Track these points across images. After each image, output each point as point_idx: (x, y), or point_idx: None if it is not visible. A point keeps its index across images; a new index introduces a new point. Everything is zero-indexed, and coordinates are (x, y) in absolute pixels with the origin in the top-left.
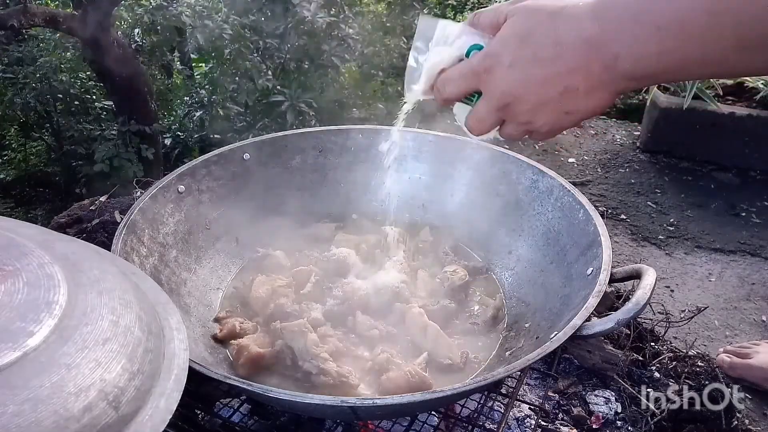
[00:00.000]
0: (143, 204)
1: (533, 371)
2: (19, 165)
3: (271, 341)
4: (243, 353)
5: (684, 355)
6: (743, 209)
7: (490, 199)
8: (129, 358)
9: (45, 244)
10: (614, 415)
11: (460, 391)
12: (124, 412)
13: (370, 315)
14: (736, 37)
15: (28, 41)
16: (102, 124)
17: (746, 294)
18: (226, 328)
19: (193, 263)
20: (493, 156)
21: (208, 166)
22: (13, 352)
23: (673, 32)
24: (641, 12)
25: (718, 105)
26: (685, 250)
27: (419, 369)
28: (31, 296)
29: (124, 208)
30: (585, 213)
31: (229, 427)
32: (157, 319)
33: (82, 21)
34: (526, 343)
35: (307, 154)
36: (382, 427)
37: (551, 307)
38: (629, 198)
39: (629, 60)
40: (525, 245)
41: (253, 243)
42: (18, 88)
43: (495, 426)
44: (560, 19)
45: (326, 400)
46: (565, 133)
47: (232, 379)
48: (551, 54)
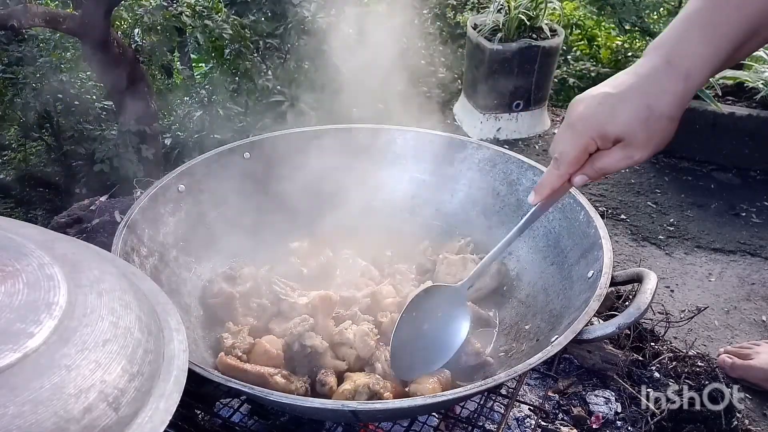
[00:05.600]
0: (143, 204)
1: (533, 372)
2: (19, 165)
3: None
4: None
5: (684, 355)
6: (743, 209)
7: (491, 199)
8: (129, 359)
9: (45, 245)
10: (614, 415)
11: (460, 395)
12: (124, 413)
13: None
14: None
15: (28, 41)
16: (102, 124)
17: (746, 294)
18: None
19: (193, 263)
20: (493, 156)
21: (208, 166)
22: (13, 354)
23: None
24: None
25: (718, 105)
26: (685, 250)
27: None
28: (31, 297)
29: (124, 208)
30: (585, 215)
31: (229, 427)
32: (156, 320)
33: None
34: (527, 345)
35: (307, 153)
36: (382, 428)
37: (552, 309)
38: (629, 198)
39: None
40: (525, 247)
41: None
42: (18, 88)
43: (495, 426)
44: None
45: (327, 403)
46: None
47: (233, 381)
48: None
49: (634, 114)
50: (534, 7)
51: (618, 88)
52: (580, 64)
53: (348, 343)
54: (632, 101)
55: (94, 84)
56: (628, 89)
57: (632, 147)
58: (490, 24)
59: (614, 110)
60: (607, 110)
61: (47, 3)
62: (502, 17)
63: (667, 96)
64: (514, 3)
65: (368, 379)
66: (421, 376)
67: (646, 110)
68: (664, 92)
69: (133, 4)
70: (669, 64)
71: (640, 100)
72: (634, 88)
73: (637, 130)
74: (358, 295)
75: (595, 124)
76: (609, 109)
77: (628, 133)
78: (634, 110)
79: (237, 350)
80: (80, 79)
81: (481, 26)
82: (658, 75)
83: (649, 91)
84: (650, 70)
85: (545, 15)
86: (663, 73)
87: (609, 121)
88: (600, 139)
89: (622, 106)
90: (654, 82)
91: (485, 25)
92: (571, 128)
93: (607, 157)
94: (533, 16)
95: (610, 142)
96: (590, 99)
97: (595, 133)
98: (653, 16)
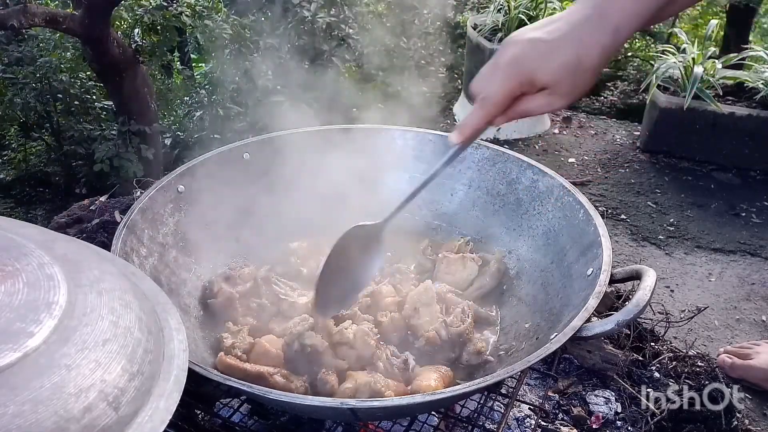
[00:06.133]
0: (143, 204)
1: (533, 371)
2: (19, 165)
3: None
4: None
5: (684, 355)
6: (743, 209)
7: (491, 199)
8: (129, 358)
9: (45, 244)
10: (614, 415)
11: (460, 393)
12: (124, 412)
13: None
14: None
15: (28, 41)
16: (102, 124)
17: (746, 294)
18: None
19: (193, 263)
20: (493, 156)
21: (208, 166)
22: (13, 353)
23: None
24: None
25: (718, 105)
26: (685, 250)
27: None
28: (31, 297)
29: (124, 208)
30: (585, 213)
31: (229, 427)
32: (156, 320)
33: (82, 21)
34: (527, 343)
35: (307, 153)
36: (382, 428)
37: (551, 307)
38: (629, 198)
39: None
40: (525, 245)
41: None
42: (18, 88)
43: (495, 426)
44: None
45: (326, 401)
46: (565, 133)
47: (232, 380)
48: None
49: (564, 64)
50: (534, 7)
51: (551, 35)
52: None
53: (348, 342)
54: (564, 51)
55: (94, 84)
56: (561, 38)
57: (556, 95)
58: (490, 24)
59: (546, 58)
60: (538, 57)
61: (47, 3)
62: (502, 17)
63: (597, 48)
64: (514, 3)
65: (370, 378)
66: (338, 311)
67: (575, 61)
68: (594, 44)
69: (133, 4)
70: (600, 16)
71: (571, 50)
72: (566, 37)
73: (564, 80)
74: (358, 295)
75: (525, 71)
76: (540, 56)
77: (556, 82)
78: (565, 60)
79: (237, 350)
80: (80, 79)
81: (481, 26)
82: (591, 26)
83: (581, 42)
84: (582, 19)
85: (545, 15)
86: (595, 24)
87: (539, 69)
88: (528, 84)
89: (553, 55)
90: (585, 33)
91: (485, 25)
92: (500, 70)
93: (531, 102)
94: (533, 16)
95: (537, 88)
96: (523, 43)
97: (525, 78)
98: None
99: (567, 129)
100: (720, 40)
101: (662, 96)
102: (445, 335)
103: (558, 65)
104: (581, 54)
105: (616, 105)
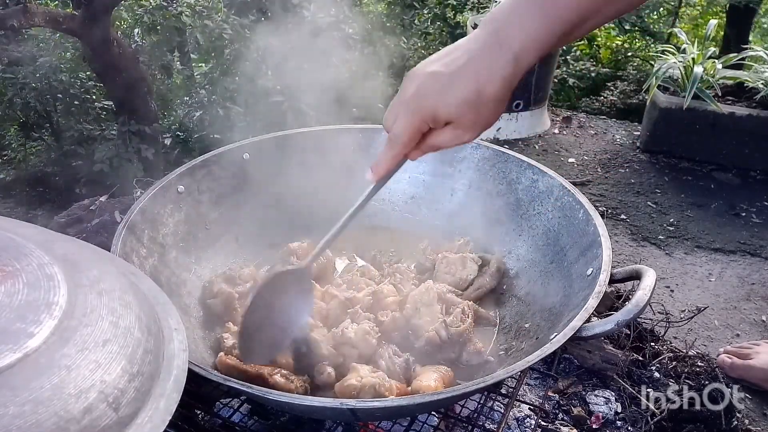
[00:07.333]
0: (143, 204)
1: (533, 371)
2: (19, 165)
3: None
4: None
5: (684, 355)
6: (743, 209)
7: (490, 199)
8: (129, 359)
9: (45, 244)
10: (614, 415)
11: (460, 393)
12: (124, 413)
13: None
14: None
15: (28, 41)
16: (102, 124)
17: (746, 294)
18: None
19: (193, 263)
20: (492, 156)
21: (208, 166)
22: (13, 354)
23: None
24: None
25: (718, 105)
26: (685, 250)
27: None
28: (31, 297)
29: (124, 208)
30: (585, 213)
31: (229, 427)
32: (156, 320)
33: (82, 21)
34: (527, 343)
35: (307, 153)
36: (382, 428)
37: (551, 307)
38: (629, 198)
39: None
40: (525, 245)
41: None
42: (18, 88)
43: (495, 426)
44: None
45: (326, 402)
46: (565, 133)
47: (232, 381)
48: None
49: (464, 98)
50: None
51: (449, 66)
52: (580, 63)
53: (349, 342)
54: (463, 84)
55: (94, 84)
56: (459, 70)
57: (460, 129)
58: None
59: (445, 92)
60: (438, 91)
61: (47, 3)
62: None
63: (496, 80)
64: None
65: (374, 380)
66: (269, 359)
67: (475, 94)
68: (494, 75)
69: (133, 4)
70: (499, 44)
71: (470, 83)
72: (465, 69)
73: (466, 114)
74: (359, 295)
75: (427, 107)
76: (440, 89)
77: (458, 116)
78: (464, 94)
79: (237, 350)
80: (80, 79)
81: None
82: (489, 56)
83: (480, 73)
84: (482, 48)
85: None
86: (494, 54)
87: (439, 104)
88: (432, 120)
89: (452, 90)
90: (484, 65)
91: None
92: (405, 106)
93: (439, 136)
94: None
95: (442, 123)
96: (424, 77)
97: (427, 114)
98: (653, 16)
99: (567, 129)
100: (720, 40)
101: (662, 96)
102: (445, 335)
103: (457, 100)
104: (481, 86)
105: (616, 105)
